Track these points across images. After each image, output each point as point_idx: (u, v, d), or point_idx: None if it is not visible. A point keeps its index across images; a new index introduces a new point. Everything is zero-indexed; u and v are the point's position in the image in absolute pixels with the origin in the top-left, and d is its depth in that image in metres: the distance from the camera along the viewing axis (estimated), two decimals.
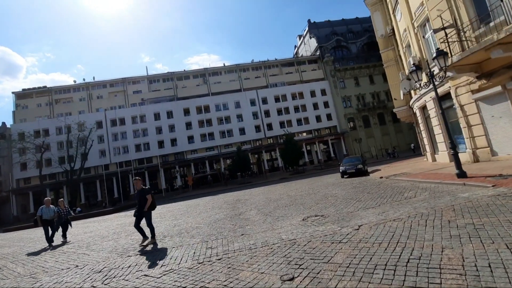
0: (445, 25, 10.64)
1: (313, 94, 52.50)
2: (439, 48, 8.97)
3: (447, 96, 12.78)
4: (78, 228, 14.29)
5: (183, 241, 6.59)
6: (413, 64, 9.90)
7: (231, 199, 16.01)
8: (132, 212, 8.21)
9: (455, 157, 8.31)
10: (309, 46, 60.98)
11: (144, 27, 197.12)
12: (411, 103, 17.92)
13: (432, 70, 10.13)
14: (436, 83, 10.12)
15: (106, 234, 10.25)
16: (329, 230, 5.28)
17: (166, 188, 46.34)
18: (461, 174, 8.14)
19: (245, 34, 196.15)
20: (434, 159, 15.69)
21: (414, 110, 17.52)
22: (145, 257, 5.63)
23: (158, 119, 48.39)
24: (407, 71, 16.98)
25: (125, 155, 46.59)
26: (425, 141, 16.41)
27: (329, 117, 51.98)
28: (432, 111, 14.00)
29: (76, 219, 22.86)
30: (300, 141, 44.34)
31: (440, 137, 13.84)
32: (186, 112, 49.43)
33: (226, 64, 56.53)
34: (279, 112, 51.15)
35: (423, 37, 13.88)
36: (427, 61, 13.75)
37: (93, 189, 45.90)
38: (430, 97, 13.76)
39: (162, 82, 53.91)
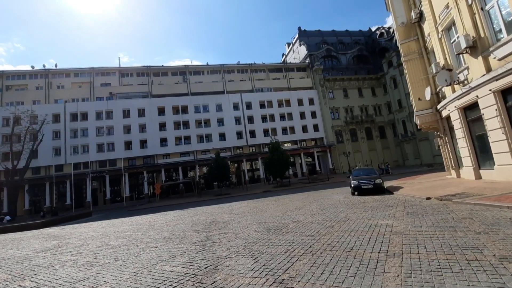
0: None
1: (300, 102, 49.01)
2: None
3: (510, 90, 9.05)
4: None
5: None
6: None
7: (203, 220, 11.07)
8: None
9: None
10: (298, 54, 58.14)
11: (127, 27, 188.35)
12: (441, 104, 14.23)
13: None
14: None
15: None
16: None
17: (131, 196, 40.01)
18: None
19: (231, 42, 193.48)
20: (478, 176, 11.86)
21: (447, 112, 13.75)
22: None
23: (128, 117, 42.24)
24: (442, 61, 13.34)
25: (84, 155, 39.66)
26: (465, 152, 12.58)
27: (316, 128, 48.49)
28: (490, 110, 10.19)
29: None
30: (284, 152, 40.23)
31: (501, 146, 9.99)
32: (161, 111, 43.77)
33: (209, 64, 51.94)
34: (264, 119, 46.93)
35: (481, 9, 10.23)
36: (487, 39, 10.06)
37: (42, 193, 38.43)
38: (489, 90, 9.97)
39: (135, 77, 47.89)
